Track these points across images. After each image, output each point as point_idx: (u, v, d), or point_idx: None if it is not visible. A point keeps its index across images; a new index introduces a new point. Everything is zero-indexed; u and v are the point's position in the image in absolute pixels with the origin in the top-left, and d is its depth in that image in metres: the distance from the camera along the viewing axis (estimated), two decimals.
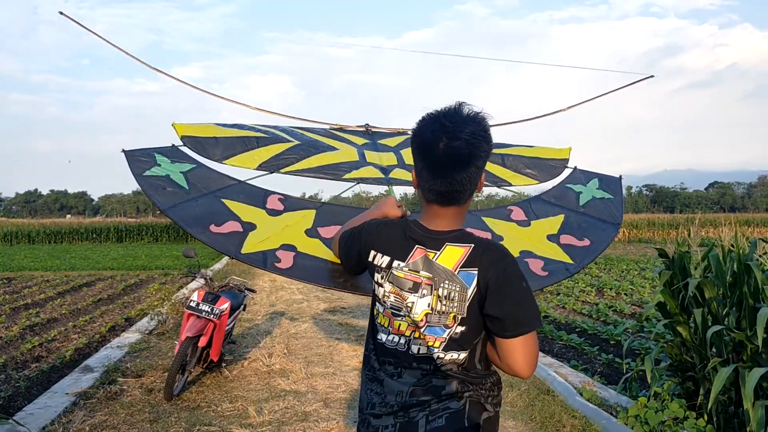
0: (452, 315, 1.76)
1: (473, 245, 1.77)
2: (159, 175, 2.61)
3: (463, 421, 1.78)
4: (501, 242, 2.65)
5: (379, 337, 1.89)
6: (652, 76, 3.92)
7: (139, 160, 2.65)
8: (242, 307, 6.52)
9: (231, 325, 6.24)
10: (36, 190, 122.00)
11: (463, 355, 1.80)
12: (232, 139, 2.94)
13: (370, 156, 3.18)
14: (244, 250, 2.40)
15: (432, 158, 1.76)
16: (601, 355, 7.13)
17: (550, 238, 2.84)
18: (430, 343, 1.79)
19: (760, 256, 3.87)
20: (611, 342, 7.96)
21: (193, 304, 5.58)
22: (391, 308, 1.85)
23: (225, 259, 19.18)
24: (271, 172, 2.84)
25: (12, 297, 12.24)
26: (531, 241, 2.79)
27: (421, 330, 1.79)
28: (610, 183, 3.30)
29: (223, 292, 6.00)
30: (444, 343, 1.78)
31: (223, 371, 6.23)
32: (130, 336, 7.96)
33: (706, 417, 4.08)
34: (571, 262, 2.69)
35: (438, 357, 1.79)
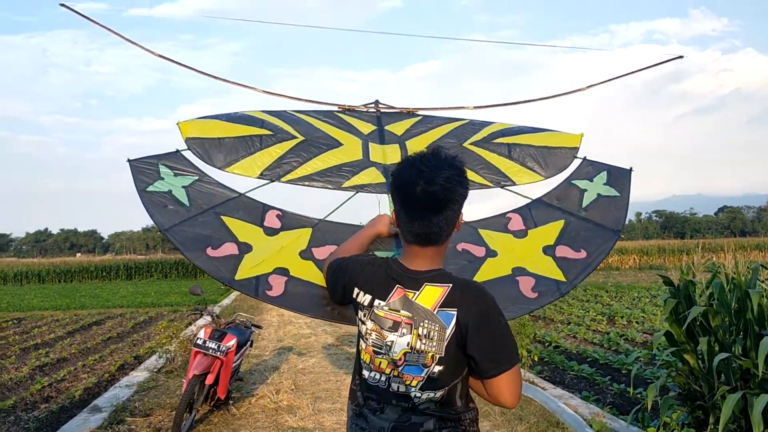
0: (431, 354, 1.79)
1: (451, 285, 1.82)
2: (161, 191, 2.66)
3: None
4: (494, 258, 2.68)
5: (363, 372, 1.94)
6: (681, 57, 3.73)
7: (143, 172, 2.70)
8: (249, 343, 6.53)
9: (238, 362, 6.24)
10: (46, 229, 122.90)
11: (440, 393, 1.83)
12: (235, 139, 2.94)
13: (374, 151, 3.13)
14: (238, 276, 2.44)
15: (410, 202, 1.82)
16: (613, 385, 7.06)
17: (546, 250, 2.80)
18: (407, 382, 1.83)
19: (762, 281, 3.86)
20: (623, 371, 7.87)
21: (199, 342, 5.60)
22: (372, 345, 1.89)
23: (233, 295, 19.24)
24: (272, 181, 2.85)
25: (22, 337, 12.29)
26: (525, 255, 2.76)
27: (399, 369, 1.82)
28: (619, 177, 3.14)
29: (230, 329, 6.02)
30: (421, 383, 1.82)
31: (231, 409, 6.21)
32: (139, 375, 7.96)
33: None
34: (563, 279, 2.65)
35: (415, 396, 1.83)
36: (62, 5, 3.41)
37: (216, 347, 5.54)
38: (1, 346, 11.18)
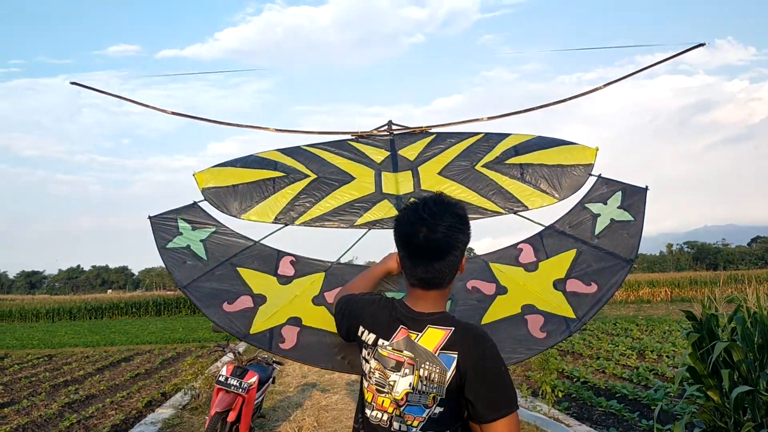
0: (432, 396, 1.81)
1: (453, 329, 1.85)
2: (180, 247, 2.77)
3: None
4: (504, 295, 2.66)
5: (365, 411, 1.95)
6: (703, 44, 3.51)
7: (162, 229, 2.83)
8: (271, 380, 6.57)
9: (260, 398, 6.27)
10: (78, 266, 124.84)
11: None
12: (249, 185, 3.03)
13: (387, 181, 3.15)
14: (253, 330, 2.51)
15: (412, 248, 1.88)
16: (642, 422, 6.92)
17: (557, 284, 2.75)
18: (408, 422, 1.84)
19: None
20: (652, 407, 7.69)
21: (221, 379, 5.66)
22: (375, 384, 1.91)
23: None
24: (286, 225, 2.93)
25: (52, 374, 12.47)
26: (536, 290, 2.73)
27: (401, 409, 1.84)
28: (634, 199, 3.02)
29: (252, 365, 6.07)
30: (423, 423, 1.83)
31: None
32: (164, 412, 8.05)
33: None
34: (573, 317, 2.61)
35: None
36: (73, 83, 3.58)
37: (238, 384, 5.59)
38: (32, 383, 11.36)
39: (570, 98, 3.69)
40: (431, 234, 1.83)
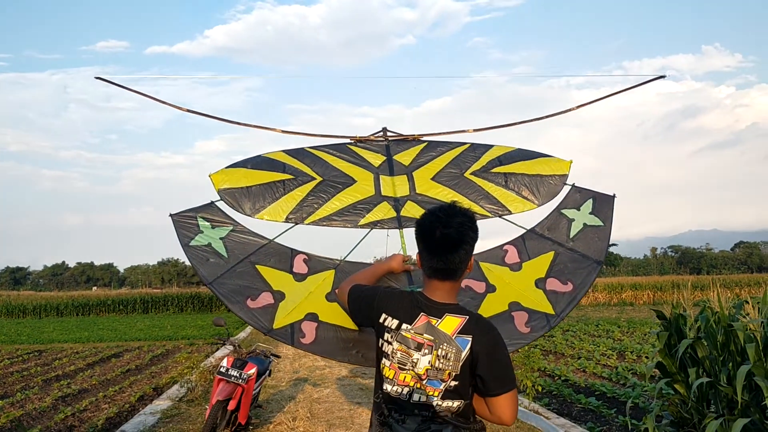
0: (447, 372, 2.17)
1: (468, 317, 2.23)
2: (202, 245, 3.04)
3: None
4: (493, 293, 3.01)
5: (384, 387, 2.29)
6: (663, 76, 3.98)
7: (184, 227, 3.08)
8: (268, 372, 6.87)
9: (258, 389, 6.58)
10: (63, 262, 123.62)
11: (457, 403, 2.20)
12: (261, 187, 3.29)
13: (385, 184, 3.46)
14: (275, 325, 2.81)
15: (430, 242, 2.25)
16: (619, 418, 7.19)
17: (538, 283, 3.12)
18: (430, 393, 2.20)
19: (744, 316, 4.16)
20: (624, 400, 8.00)
21: (223, 370, 5.96)
22: (398, 363, 2.25)
23: (249, 328, 19.52)
24: (297, 224, 3.21)
25: (43, 369, 12.58)
26: (520, 289, 3.09)
27: (423, 382, 2.20)
28: (603, 206, 3.43)
29: (251, 358, 6.37)
30: (441, 393, 2.19)
31: None
32: (162, 403, 8.30)
33: None
34: (552, 313, 2.99)
35: (437, 404, 2.19)
36: (98, 78, 3.83)
37: (238, 375, 5.89)
38: (24, 377, 11.49)
39: (545, 117, 4.09)
40: (445, 230, 2.21)
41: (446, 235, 2.20)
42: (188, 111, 3.99)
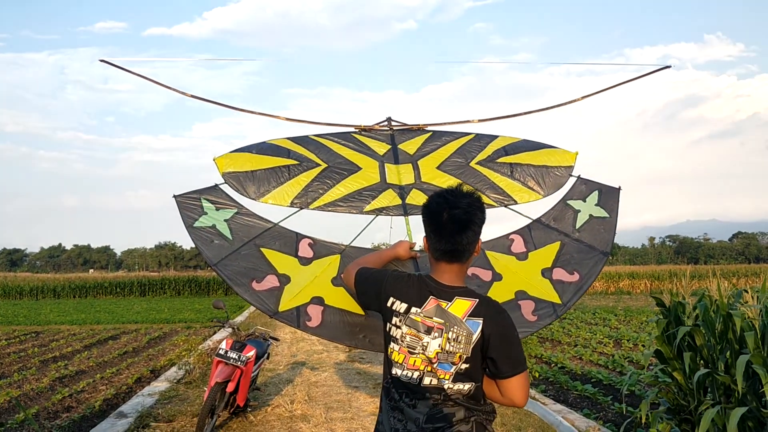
0: (458, 354, 2.16)
1: (478, 300, 2.21)
2: (206, 226, 3.02)
3: None
4: (499, 282, 3.00)
5: (394, 372, 2.28)
6: (669, 66, 3.96)
7: (188, 208, 3.05)
8: (266, 355, 6.89)
9: (256, 372, 6.61)
10: (60, 245, 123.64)
11: (468, 386, 2.19)
12: (266, 171, 3.27)
13: (390, 172, 3.44)
14: (281, 308, 2.79)
15: (437, 224, 2.23)
16: (614, 404, 7.26)
17: (544, 272, 3.13)
18: (441, 376, 2.19)
19: (742, 305, 4.18)
20: (618, 388, 8.06)
21: (222, 352, 5.98)
22: (407, 347, 2.23)
23: (247, 312, 19.63)
24: (302, 209, 3.19)
25: (41, 350, 12.63)
26: (526, 278, 3.09)
27: (434, 365, 2.19)
28: (609, 198, 3.44)
29: (249, 340, 6.39)
30: (452, 376, 2.17)
31: (249, 416, 6.58)
32: (160, 385, 8.35)
33: None
34: (559, 302, 3.00)
35: (448, 387, 2.18)
36: (102, 60, 3.80)
37: (237, 357, 5.91)
38: (21, 358, 11.54)
39: (549, 108, 4.12)
40: (453, 210, 2.20)
41: (454, 216, 2.19)
42: (192, 96, 3.96)
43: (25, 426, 6.69)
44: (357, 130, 3.82)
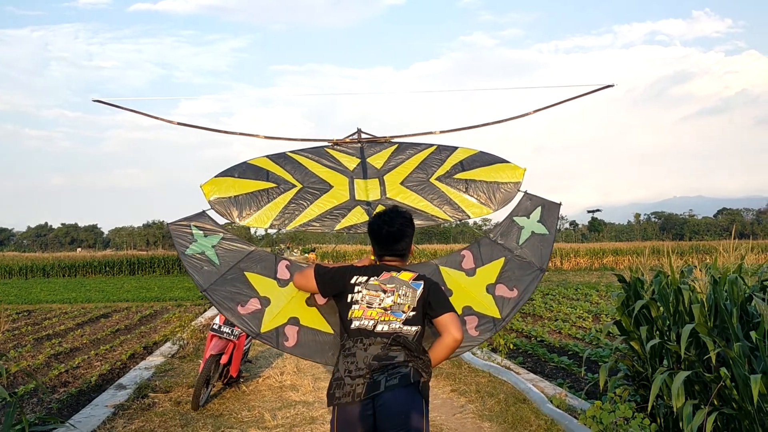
0: (407, 305, 2.92)
1: (417, 273, 3.07)
2: (197, 253, 3.36)
3: (409, 380, 2.79)
4: (450, 297, 3.28)
5: (352, 325, 2.91)
6: (612, 86, 4.21)
7: (180, 236, 3.39)
8: None
9: (248, 345, 7.00)
10: (47, 223, 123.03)
11: (414, 328, 2.91)
12: (247, 196, 3.60)
13: (359, 188, 3.77)
14: (263, 329, 3.20)
15: (379, 238, 3.06)
16: (588, 375, 7.62)
17: (489, 288, 3.47)
18: (394, 320, 2.89)
19: (692, 280, 4.59)
20: (600, 363, 8.42)
21: (215, 327, 6.36)
22: (366, 303, 2.93)
23: None
24: (280, 230, 3.60)
25: (34, 328, 12.85)
26: (472, 294, 3.44)
27: (388, 313, 2.91)
28: (550, 214, 3.70)
29: None
30: (403, 321, 2.90)
31: (241, 386, 6.99)
32: (155, 359, 8.72)
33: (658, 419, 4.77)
34: (498, 317, 3.38)
35: (401, 328, 2.88)
36: (95, 100, 4.12)
37: (230, 331, 6.29)
38: (15, 336, 11.77)
39: (502, 120, 4.36)
40: (389, 228, 3.02)
41: (390, 233, 3.02)
42: (178, 124, 4.31)
43: (35, 395, 7.01)
44: (330, 145, 4.11)
